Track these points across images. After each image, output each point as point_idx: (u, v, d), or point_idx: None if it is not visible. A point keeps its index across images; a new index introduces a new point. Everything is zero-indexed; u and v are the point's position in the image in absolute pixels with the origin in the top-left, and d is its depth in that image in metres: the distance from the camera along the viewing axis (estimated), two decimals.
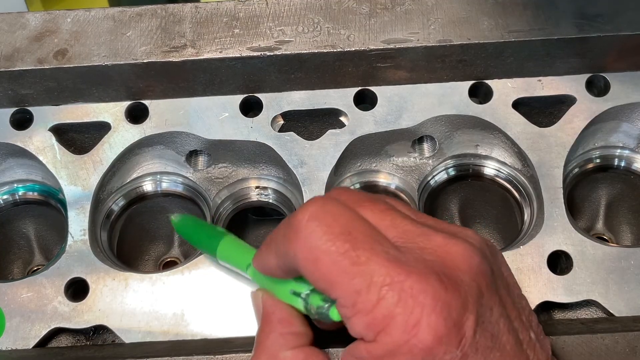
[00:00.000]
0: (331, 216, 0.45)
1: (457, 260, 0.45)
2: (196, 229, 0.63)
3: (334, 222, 0.45)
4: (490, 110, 0.69)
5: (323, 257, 0.44)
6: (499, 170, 0.74)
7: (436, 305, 0.42)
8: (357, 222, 0.45)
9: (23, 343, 0.62)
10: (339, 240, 0.44)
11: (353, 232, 0.44)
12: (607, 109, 0.69)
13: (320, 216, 0.45)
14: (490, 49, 0.66)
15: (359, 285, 0.43)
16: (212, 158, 0.73)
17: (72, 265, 0.65)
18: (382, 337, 0.43)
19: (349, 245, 0.44)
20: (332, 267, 0.44)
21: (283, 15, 0.67)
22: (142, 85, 0.68)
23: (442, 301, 0.42)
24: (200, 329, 0.63)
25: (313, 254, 0.44)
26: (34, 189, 0.75)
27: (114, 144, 0.69)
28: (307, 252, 0.45)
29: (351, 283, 0.43)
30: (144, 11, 0.67)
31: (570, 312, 0.65)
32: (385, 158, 0.74)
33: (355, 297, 0.43)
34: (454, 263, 0.45)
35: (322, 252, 0.44)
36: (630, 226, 0.78)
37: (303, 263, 0.45)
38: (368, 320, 0.43)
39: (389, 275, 0.43)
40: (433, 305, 0.42)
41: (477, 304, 0.44)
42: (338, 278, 0.43)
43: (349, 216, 0.46)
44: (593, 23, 0.66)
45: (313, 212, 0.45)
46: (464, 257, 0.45)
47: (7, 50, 0.66)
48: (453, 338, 0.42)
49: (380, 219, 0.47)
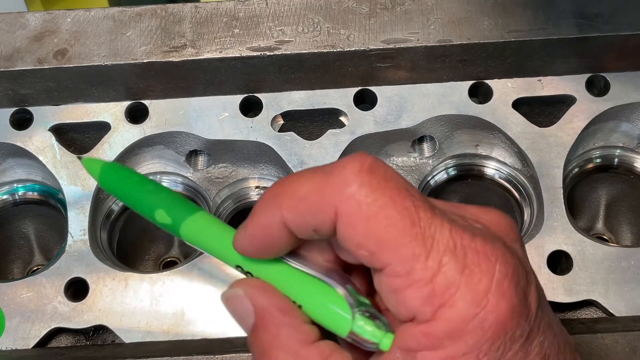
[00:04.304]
0: (385, 169, 0.38)
1: (502, 227, 0.40)
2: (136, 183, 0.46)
3: (392, 176, 0.38)
4: (490, 110, 0.69)
5: (379, 213, 0.36)
6: (499, 170, 0.74)
7: (507, 272, 0.36)
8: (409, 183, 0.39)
9: (23, 343, 0.62)
10: (399, 196, 0.37)
11: (411, 190, 0.38)
12: (607, 109, 0.69)
13: (374, 167, 0.37)
14: (490, 49, 0.66)
15: (418, 249, 0.36)
16: (212, 158, 0.73)
17: (72, 265, 0.65)
18: (444, 312, 0.36)
19: (410, 203, 0.37)
20: (388, 225, 0.36)
21: (283, 15, 0.67)
22: (142, 85, 0.68)
23: (512, 268, 0.36)
24: (200, 329, 0.63)
25: (366, 209, 0.36)
26: (34, 189, 0.74)
27: (114, 144, 0.69)
28: (355, 206, 0.36)
29: (409, 246, 0.36)
30: (144, 11, 0.67)
31: (570, 312, 0.65)
32: (385, 158, 0.74)
33: (412, 263, 0.36)
34: (500, 230, 0.40)
35: (379, 206, 0.36)
36: (630, 226, 0.78)
37: (347, 220, 0.37)
38: (427, 291, 0.36)
39: (452, 239, 0.36)
40: (504, 272, 0.36)
41: (533, 274, 0.39)
42: (394, 239, 0.36)
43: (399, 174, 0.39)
44: (593, 23, 0.66)
45: (365, 162, 0.37)
46: (508, 225, 0.40)
47: (7, 50, 0.66)
48: (523, 310, 0.36)
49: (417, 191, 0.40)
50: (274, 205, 0.39)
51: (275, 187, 0.40)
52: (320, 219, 0.38)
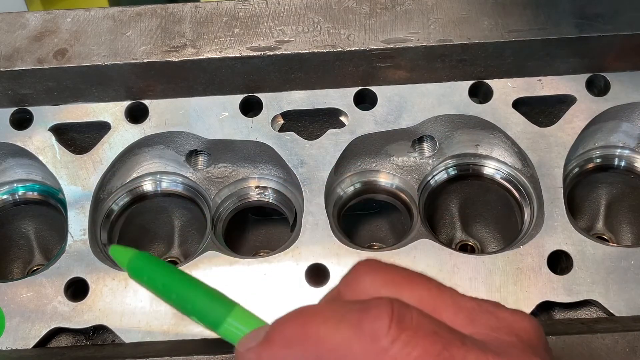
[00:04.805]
0: (410, 317, 0.39)
1: (532, 334, 0.41)
2: (170, 281, 0.47)
3: (419, 323, 0.38)
4: (490, 110, 0.69)
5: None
6: (499, 170, 0.74)
7: None
8: (431, 318, 0.40)
9: (23, 343, 0.62)
10: (431, 344, 0.38)
11: (439, 329, 0.39)
12: (607, 108, 0.69)
13: (402, 318, 0.38)
14: (490, 48, 0.66)
15: None
16: (212, 158, 0.73)
17: (72, 265, 0.65)
18: None
19: (440, 346, 0.38)
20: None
21: (283, 15, 0.67)
22: (142, 85, 0.68)
23: None
24: (200, 329, 0.62)
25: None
26: (34, 188, 0.74)
27: (114, 143, 0.69)
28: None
29: None
30: (144, 11, 0.67)
31: (570, 312, 0.65)
32: (385, 158, 0.74)
33: None
34: (530, 339, 0.41)
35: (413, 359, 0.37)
36: (630, 226, 0.78)
37: None
38: None
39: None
40: None
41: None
42: None
43: (421, 313, 0.40)
44: (593, 23, 0.66)
45: (395, 314, 0.38)
46: (536, 332, 0.42)
47: (7, 50, 0.66)
48: None
49: (442, 300, 0.41)
50: (297, 347, 0.40)
51: (298, 326, 0.40)
52: None
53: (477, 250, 0.79)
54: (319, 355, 0.39)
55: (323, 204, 0.67)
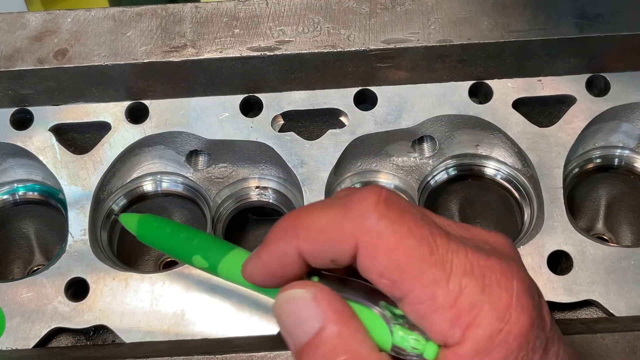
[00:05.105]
0: (399, 200, 0.40)
1: (507, 248, 0.42)
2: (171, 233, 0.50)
3: (407, 207, 0.40)
4: (490, 110, 0.69)
5: (399, 243, 0.38)
6: (499, 170, 0.74)
7: (524, 288, 0.38)
8: (418, 207, 0.41)
9: (23, 343, 0.62)
10: (416, 226, 0.39)
11: (426, 219, 0.40)
12: (607, 109, 0.69)
13: (390, 199, 0.39)
14: (490, 49, 0.66)
15: (439, 274, 0.38)
16: (212, 158, 0.73)
17: (72, 265, 0.65)
18: (471, 332, 0.37)
19: (427, 231, 0.39)
20: (408, 255, 0.38)
21: (283, 15, 0.67)
22: (142, 85, 0.68)
23: (527, 283, 0.39)
24: (200, 329, 0.63)
25: (387, 240, 0.38)
26: (34, 189, 0.75)
27: (114, 144, 0.69)
28: (376, 238, 0.38)
29: (429, 272, 0.38)
30: (144, 11, 0.67)
31: (570, 312, 0.65)
32: (386, 158, 0.74)
33: (434, 289, 0.38)
34: (503, 248, 0.42)
35: (399, 237, 0.38)
36: (630, 226, 0.78)
37: (368, 251, 0.39)
38: (453, 314, 0.38)
39: (469, 260, 0.38)
40: (522, 287, 0.38)
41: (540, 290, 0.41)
42: (414, 267, 0.38)
43: (413, 204, 0.41)
44: (593, 23, 0.66)
45: (381, 195, 0.39)
46: (511, 246, 0.43)
47: (7, 50, 0.66)
48: (540, 321, 0.39)
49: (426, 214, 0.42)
50: (289, 236, 0.41)
51: (291, 219, 0.42)
52: (340, 250, 0.40)
53: None
54: (311, 238, 0.40)
55: None
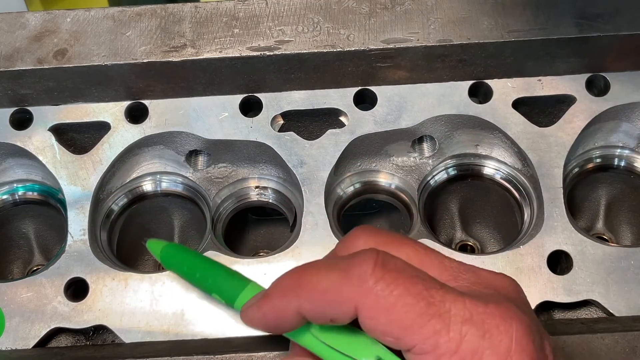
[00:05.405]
0: (394, 262, 0.43)
1: (510, 291, 0.44)
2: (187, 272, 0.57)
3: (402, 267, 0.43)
4: (490, 110, 0.69)
5: (397, 302, 0.41)
6: (498, 170, 0.74)
7: (524, 330, 0.41)
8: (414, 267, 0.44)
9: (23, 343, 0.62)
10: (412, 284, 0.41)
11: (421, 275, 0.43)
12: (607, 108, 0.69)
13: (386, 262, 0.42)
14: (490, 48, 0.66)
15: (439, 325, 0.40)
16: (212, 158, 0.73)
17: (71, 265, 0.65)
18: None
19: (421, 286, 0.41)
20: (407, 311, 0.41)
21: (283, 15, 0.67)
22: (142, 85, 0.68)
23: (527, 325, 0.41)
24: (200, 329, 0.63)
25: (384, 301, 0.41)
26: (34, 188, 0.74)
27: (114, 143, 0.69)
28: (374, 300, 0.41)
29: (429, 324, 0.40)
30: (144, 11, 0.67)
31: (570, 312, 0.65)
32: (385, 158, 0.74)
33: (435, 339, 0.40)
34: (508, 293, 0.44)
35: (395, 296, 0.41)
36: (630, 226, 0.78)
37: (369, 313, 0.42)
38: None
39: (467, 309, 0.41)
40: (521, 330, 0.40)
41: (545, 331, 0.43)
42: (415, 322, 0.41)
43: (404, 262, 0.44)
44: (593, 23, 0.66)
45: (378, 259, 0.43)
46: (517, 289, 0.45)
47: (6, 50, 0.66)
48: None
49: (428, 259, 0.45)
50: (292, 295, 0.45)
51: (294, 278, 0.45)
52: (339, 311, 0.43)
53: (477, 250, 0.79)
54: (313, 299, 0.44)
55: (323, 204, 0.67)
